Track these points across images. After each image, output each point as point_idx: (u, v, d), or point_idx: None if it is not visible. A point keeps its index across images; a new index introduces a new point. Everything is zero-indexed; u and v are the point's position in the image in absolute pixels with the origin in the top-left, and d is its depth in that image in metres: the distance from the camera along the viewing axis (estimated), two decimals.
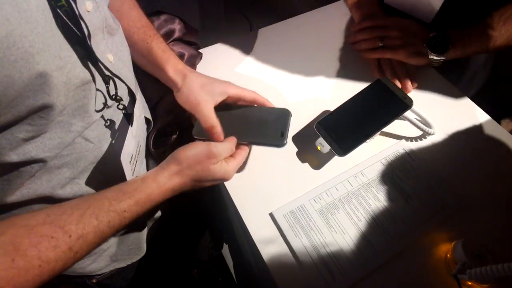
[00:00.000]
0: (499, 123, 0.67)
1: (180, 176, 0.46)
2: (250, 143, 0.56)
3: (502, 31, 0.66)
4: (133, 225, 0.57)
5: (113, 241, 0.57)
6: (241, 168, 0.60)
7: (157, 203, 0.45)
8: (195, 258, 1.04)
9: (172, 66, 0.56)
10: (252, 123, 0.57)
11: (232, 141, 0.53)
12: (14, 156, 0.35)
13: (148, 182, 0.44)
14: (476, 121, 0.67)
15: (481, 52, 0.70)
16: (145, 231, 0.61)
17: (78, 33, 0.36)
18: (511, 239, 0.53)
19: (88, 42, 0.38)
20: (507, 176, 0.60)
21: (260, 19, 1.39)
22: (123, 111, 0.48)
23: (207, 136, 0.54)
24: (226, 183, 0.58)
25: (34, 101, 0.32)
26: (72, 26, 0.35)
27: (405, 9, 0.75)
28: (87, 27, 0.37)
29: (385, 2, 0.77)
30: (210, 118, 0.52)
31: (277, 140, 0.54)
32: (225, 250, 1.12)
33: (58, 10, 0.33)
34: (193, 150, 0.47)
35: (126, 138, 0.47)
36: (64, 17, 0.34)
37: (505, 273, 0.41)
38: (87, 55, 0.38)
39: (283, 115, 0.57)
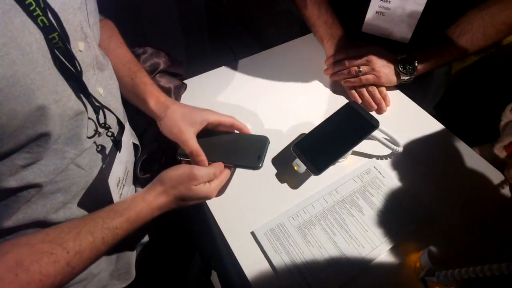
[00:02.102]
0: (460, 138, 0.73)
1: (165, 195, 0.51)
2: (229, 165, 0.60)
3: (457, 44, 0.74)
4: (122, 248, 0.60)
5: (103, 265, 0.59)
6: (224, 189, 0.64)
7: (146, 221, 0.49)
8: (185, 286, 1.05)
9: (154, 99, 0.61)
10: (232, 147, 0.61)
11: (215, 167, 0.56)
12: (12, 182, 0.38)
13: (137, 201, 0.49)
14: (439, 137, 0.73)
15: (441, 66, 0.79)
16: (134, 256, 0.64)
17: (72, 70, 0.41)
18: (472, 246, 0.57)
19: (81, 77, 0.43)
20: (469, 188, 0.65)
21: (244, 49, 1.48)
22: (112, 138, 0.52)
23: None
24: (209, 205, 0.62)
25: (33, 131, 0.36)
26: (67, 64, 0.40)
27: (383, 34, 0.83)
28: (79, 64, 0.42)
29: (363, 30, 0.84)
30: (193, 146, 0.57)
31: (253, 163, 0.58)
32: (214, 276, 1.13)
33: (56, 51, 0.38)
34: (177, 172, 0.52)
35: (114, 163, 0.52)
36: (61, 57, 0.39)
37: (466, 275, 0.45)
38: (80, 89, 0.43)
39: (262, 141, 0.61)
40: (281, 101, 0.80)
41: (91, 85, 0.46)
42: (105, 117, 0.49)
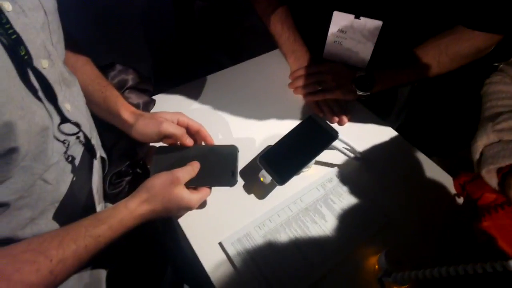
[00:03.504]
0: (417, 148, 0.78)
1: (149, 202, 0.52)
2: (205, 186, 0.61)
3: (413, 68, 0.80)
4: (93, 264, 0.60)
5: (73, 281, 0.59)
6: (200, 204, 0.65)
7: (129, 229, 0.50)
8: None
9: (126, 109, 0.64)
10: (205, 167, 0.62)
11: (193, 165, 0.60)
12: None
13: (119, 208, 0.50)
14: (398, 148, 0.78)
15: (398, 86, 0.84)
16: (104, 272, 0.64)
17: (37, 86, 0.42)
18: (426, 249, 0.62)
19: (47, 93, 0.44)
20: (424, 194, 0.70)
21: (213, 64, 1.51)
22: (81, 142, 0.53)
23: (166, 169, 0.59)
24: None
25: (1, 148, 0.37)
26: (32, 80, 0.41)
27: (342, 60, 0.88)
28: (46, 80, 0.43)
29: (324, 57, 0.89)
30: (177, 128, 0.62)
31: (229, 181, 0.61)
32: None
33: (22, 68, 0.39)
34: (160, 179, 0.55)
35: (94, 170, 0.54)
36: (29, 73, 0.40)
37: (421, 276, 0.48)
38: (46, 105, 0.44)
39: (232, 153, 0.64)
40: (248, 115, 0.83)
41: (59, 101, 0.47)
42: (75, 127, 0.50)
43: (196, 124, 0.66)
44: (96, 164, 0.56)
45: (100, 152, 0.61)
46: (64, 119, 0.47)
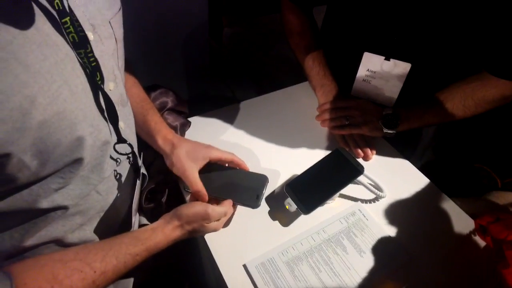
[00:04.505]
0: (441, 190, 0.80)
1: (181, 229, 0.57)
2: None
3: (439, 110, 0.83)
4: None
5: None
6: (227, 223, 0.69)
7: (161, 250, 0.54)
8: None
9: (162, 137, 0.68)
10: (232, 184, 0.67)
11: (226, 205, 0.62)
12: (45, 203, 0.43)
13: (157, 233, 0.54)
14: (420, 187, 0.80)
15: (423, 126, 0.87)
16: (131, 280, 0.67)
17: (104, 107, 0.47)
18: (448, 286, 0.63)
19: (109, 113, 0.49)
20: (445, 234, 0.71)
21: (243, 89, 1.57)
22: (129, 163, 0.57)
23: None
24: (206, 238, 0.66)
25: (70, 158, 0.42)
26: (101, 101, 0.46)
27: (370, 98, 0.92)
28: (110, 101, 0.48)
29: (351, 94, 0.93)
30: (195, 184, 0.63)
31: (253, 202, 0.64)
32: None
33: (96, 91, 0.45)
34: (192, 209, 0.58)
35: (136, 189, 0.58)
36: (99, 94, 0.45)
37: None
38: (109, 123, 0.49)
39: (261, 180, 0.67)
40: (277, 143, 0.87)
41: (117, 120, 0.52)
42: (128, 145, 0.55)
43: (229, 156, 0.68)
44: (139, 183, 0.60)
45: (142, 170, 0.66)
46: (119, 139, 0.52)
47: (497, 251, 0.60)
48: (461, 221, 0.73)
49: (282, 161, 0.82)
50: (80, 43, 0.41)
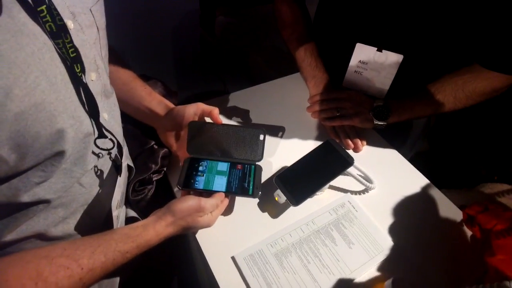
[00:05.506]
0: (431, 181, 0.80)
1: (174, 225, 0.56)
2: (228, 194, 0.65)
3: (430, 101, 0.82)
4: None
5: None
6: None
7: (152, 247, 0.53)
8: None
9: (157, 100, 0.72)
10: (232, 142, 0.70)
11: (218, 197, 0.62)
12: (26, 197, 0.42)
13: (148, 229, 0.53)
14: (410, 178, 0.80)
15: (414, 118, 0.86)
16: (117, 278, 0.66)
17: (85, 98, 0.46)
18: (432, 279, 0.63)
19: (93, 104, 0.48)
20: (433, 225, 0.71)
21: (234, 80, 1.56)
22: (111, 159, 0.56)
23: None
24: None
25: (51, 151, 0.41)
26: (81, 92, 0.45)
27: (361, 90, 0.91)
28: (90, 92, 0.47)
29: (343, 85, 0.93)
30: (207, 107, 0.69)
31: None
32: None
33: (76, 81, 0.43)
34: (186, 204, 0.57)
35: (116, 186, 0.56)
36: (80, 86, 0.44)
37: None
38: (91, 115, 0.47)
39: (257, 134, 0.70)
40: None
41: (99, 110, 0.50)
42: (110, 140, 0.54)
43: (211, 107, 0.71)
44: (119, 179, 0.59)
45: (128, 161, 0.65)
46: (100, 134, 0.50)
47: (483, 241, 0.60)
48: (450, 212, 0.73)
49: (272, 153, 0.82)
50: (57, 33, 0.40)
